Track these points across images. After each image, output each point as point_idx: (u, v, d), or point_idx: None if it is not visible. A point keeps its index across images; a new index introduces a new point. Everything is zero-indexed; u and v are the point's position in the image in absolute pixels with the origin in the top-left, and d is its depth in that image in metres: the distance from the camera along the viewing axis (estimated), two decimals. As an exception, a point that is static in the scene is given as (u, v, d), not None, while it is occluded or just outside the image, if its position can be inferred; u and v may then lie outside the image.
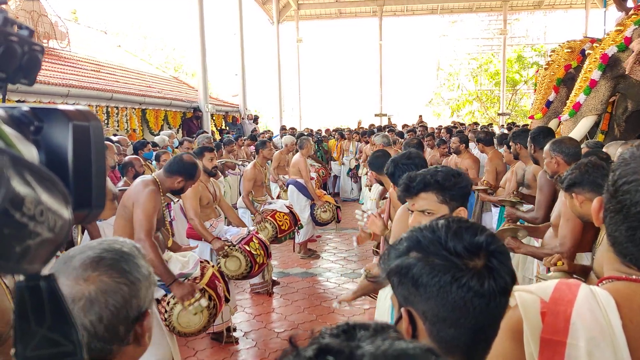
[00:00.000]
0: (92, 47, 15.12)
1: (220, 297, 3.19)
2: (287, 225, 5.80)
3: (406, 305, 0.92)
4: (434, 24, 31.08)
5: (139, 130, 11.13)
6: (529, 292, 1.11)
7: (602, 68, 4.92)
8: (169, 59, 34.21)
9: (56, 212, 0.45)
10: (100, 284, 1.02)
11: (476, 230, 0.92)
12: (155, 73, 17.66)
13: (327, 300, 5.63)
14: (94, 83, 10.53)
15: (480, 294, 0.86)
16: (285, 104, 24.22)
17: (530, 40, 29.50)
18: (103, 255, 1.06)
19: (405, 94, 34.09)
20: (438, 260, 0.88)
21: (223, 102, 17.58)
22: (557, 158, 3.16)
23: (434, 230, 0.93)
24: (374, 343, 0.54)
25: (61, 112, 0.55)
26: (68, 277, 1.02)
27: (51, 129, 0.54)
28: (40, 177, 0.44)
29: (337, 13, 23.40)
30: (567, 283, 1.10)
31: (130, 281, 1.05)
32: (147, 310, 1.09)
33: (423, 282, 0.88)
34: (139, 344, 1.09)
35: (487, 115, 28.68)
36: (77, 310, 1.00)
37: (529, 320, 1.07)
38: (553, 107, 6.13)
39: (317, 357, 0.54)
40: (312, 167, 9.74)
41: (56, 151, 0.54)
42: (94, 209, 0.57)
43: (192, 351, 4.40)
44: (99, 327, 1.01)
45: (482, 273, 0.87)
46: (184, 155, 3.46)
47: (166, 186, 3.36)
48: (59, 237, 0.46)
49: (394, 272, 0.94)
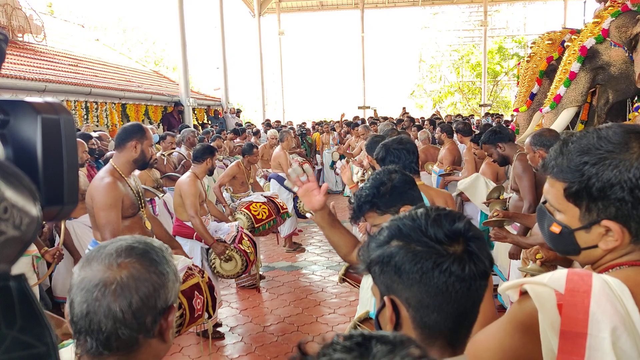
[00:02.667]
0: (69, 41, 14.85)
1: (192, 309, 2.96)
2: (264, 214, 5.69)
3: (389, 294, 0.94)
4: (415, 15, 31.07)
5: (119, 126, 10.97)
6: (541, 284, 1.09)
7: (581, 60, 4.96)
8: (149, 53, 33.76)
9: (22, 209, 0.43)
10: (132, 270, 1.05)
11: (454, 217, 0.94)
12: (135, 67, 17.41)
13: (313, 293, 5.64)
14: (72, 78, 10.35)
15: (462, 278, 0.88)
16: (268, 97, 24.12)
17: (511, 31, 29.65)
18: (135, 245, 1.10)
19: (388, 86, 34.12)
20: (419, 247, 0.90)
21: (205, 95, 17.42)
22: (540, 151, 3.18)
23: (413, 218, 0.95)
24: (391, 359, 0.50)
25: (28, 105, 0.52)
26: (100, 263, 1.06)
27: (18, 122, 0.52)
28: (4, 172, 0.42)
29: (318, 5, 23.34)
30: (578, 273, 1.09)
31: (160, 271, 1.09)
32: (172, 304, 1.11)
33: (405, 270, 0.90)
34: (164, 339, 1.10)
35: (468, 106, 28.88)
36: (108, 295, 1.02)
37: (546, 313, 1.06)
38: (537, 99, 6.17)
39: None
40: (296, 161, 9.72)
41: (24, 146, 0.51)
42: (66, 205, 0.55)
43: (177, 347, 4.38)
44: (128, 313, 1.03)
45: (462, 258, 0.89)
46: (124, 125, 3.34)
47: (124, 161, 3.17)
48: (26, 235, 0.44)
49: (375, 262, 0.95)
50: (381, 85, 31.81)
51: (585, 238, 1.14)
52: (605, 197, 1.07)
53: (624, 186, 1.04)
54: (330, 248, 7.32)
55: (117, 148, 3.22)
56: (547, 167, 1.18)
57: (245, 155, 6.21)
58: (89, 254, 1.10)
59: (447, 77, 30.52)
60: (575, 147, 1.11)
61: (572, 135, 1.16)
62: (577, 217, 1.13)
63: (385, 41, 35.17)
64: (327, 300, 5.39)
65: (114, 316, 1.02)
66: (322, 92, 36.65)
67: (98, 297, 1.02)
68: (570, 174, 1.11)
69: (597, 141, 1.09)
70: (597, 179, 1.06)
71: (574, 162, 1.10)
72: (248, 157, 6.21)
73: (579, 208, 1.12)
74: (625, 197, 1.05)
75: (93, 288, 1.02)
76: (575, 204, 1.12)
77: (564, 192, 1.13)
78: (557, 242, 1.22)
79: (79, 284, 1.04)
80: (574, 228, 1.15)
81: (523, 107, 6.31)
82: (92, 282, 1.03)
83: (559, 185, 1.14)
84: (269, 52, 22.21)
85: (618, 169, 1.05)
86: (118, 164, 3.17)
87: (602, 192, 1.07)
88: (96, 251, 1.09)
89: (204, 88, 22.39)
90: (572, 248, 1.18)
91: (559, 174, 1.14)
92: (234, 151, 9.58)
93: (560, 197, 1.15)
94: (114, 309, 1.02)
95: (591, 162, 1.07)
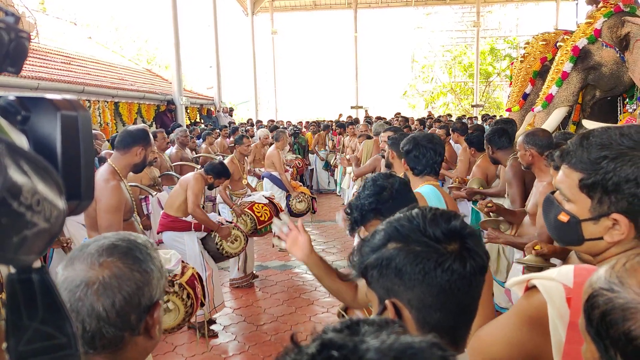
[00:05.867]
0: (61, 39, 14.73)
1: (197, 297, 3.16)
2: (266, 216, 5.77)
3: (389, 297, 0.93)
4: (408, 16, 31.18)
5: (112, 124, 10.91)
6: (550, 279, 1.12)
7: (573, 60, 5.02)
8: (141, 51, 33.55)
9: (52, 202, 0.44)
10: (114, 269, 1.05)
11: (450, 216, 0.95)
12: (128, 65, 17.31)
13: (306, 292, 5.65)
14: (65, 76, 10.28)
15: (463, 275, 0.89)
16: (261, 97, 24.08)
17: (503, 32, 29.83)
18: (117, 243, 1.09)
19: (381, 86, 34.19)
20: (419, 248, 0.90)
21: (198, 94, 17.37)
22: (531, 150, 3.20)
23: (410, 219, 0.95)
24: (379, 337, 0.54)
25: (49, 102, 0.53)
26: (83, 262, 1.05)
27: (38, 118, 0.53)
28: (36, 166, 0.43)
29: (311, 5, 23.32)
30: (586, 268, 1.12)
31: (144, 269, 1.08)
32: (158, 301, 1.11)
33: (407, 271, 0.89)
34: (150, 335, 1.10)
35: (461, 106, 28.99)
36: (91, 295, 1.02)
37: (555, 307, 1.08)
38: (530, 99, 6.22)
39: (320, 352, 0.53)
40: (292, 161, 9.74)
41: (44, 142, 0.52)
42: (83, 200, 0.56)
43: (171, 346, 4.37)
44: (112, 312, 1.02)
45: (462, 255, 0.90)
46: (128, 128, 3.31)
47: (124, 164, 3.17)
48: (54, 228, 0.45)
49: (372, 266, 0.94)
50: (374, 85, 31.89)
51: (592, 229, 1.17)
52: (619, 191, 1.10)
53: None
54: (324, 247, 7.34)
55: (119, 150, 3.18)
56: (565, 158, 1.21)
57: (236, 146, 6.24)
58: (71, 253, 1.10)
59: (440, 77, 30.63)
60: (596, 141, 1.15)
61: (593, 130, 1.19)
62: (587, 208, 1.17)
63: (378, 41, 35.28)
64: (320, 300, 5.41)
65: (97, 315, 1.02)
66: (315, 92, 36.66)
67: (81, 296, 1.01)
68: (589, 165, 1.14)
69: (619, 137, 1.12)
70: (615, 174, 1.10)
71: (594, 155, 1.14)
72: (239, 148, 6.24)
73: (591, 199, 1.15)
74: (638, 193, 1.08)
75: (75, 288, 1.02)
76: (589, 195, 1.16)
77: (579, 183, 1.17)
78: (561, 231, 1.25)
79: (62, 284, 1.04)
80: (582, 218, 1.18)
81: (516, 107, 6.36)
82: (75, 282, 1.03)
83: (575, 176, 1.17)
84: (262, 51, 22.17)
85: (637, 165, 1.08)
86: (118, 166, 3.15)
87: (617, 186, 1.10)
88: (79, 250, 1.09)
89: (197, 87, 22.31)
90: (576, 238, 1.21)
91: (577, 164, 1.17)
92: (227, 150, 9.56)
93: (575, 187, 1.18)
94: (98, 308, 1.02)
95: (611, 157, 1.11)
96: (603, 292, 0.81)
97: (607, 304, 0.79)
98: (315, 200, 7.54)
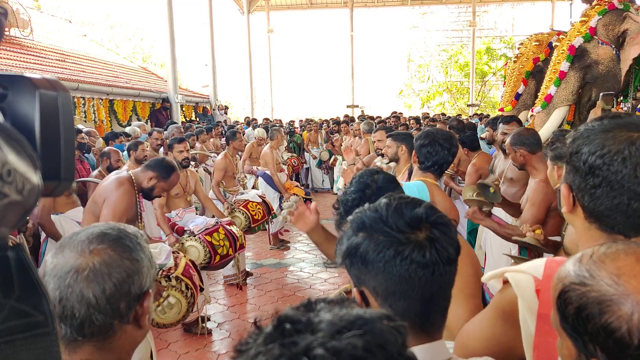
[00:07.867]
0: (56, 36, 14.68)
1: (196, 286, 3.18)
2: (260, 214, 5.78)
3: (359, 286, 0.97)
4: (404, 15, 31.18)
5: (106, 122, 10.87)
6: (520, 272, 1.12)
7: (570, 59, 5.02)
8: (137, 49, 33.43)
9: (24, 174, 0.44)
10: (104, 257, 1.05)
11: (415, 204, 0.97)
12: (123, 63, 17.25)
13: (300, 290, 5.65)
14: (59, 73, 10.23)
15: (423, 265, 0.90)
16: (257, 95, 24.05)
17: (499, 32, 29.96)
18: (107, 231, 1.10)
19: (377, 85, 34.23)
20: (381, 237, 0.93)
21: (193, 92, 17.32)
22: (521, 151, 3.19)
23: (376, 209, 0.98)
24: (332, 311, 0.56)
25: (27, 80, 0.52)
26: (73, 250, 1.06)
27: (16, 96, 0.52)
28: (7, 136, 0.42)
29: (307, 3, 23.28)
30: (556, 261, 1.12)
31: (134, 257, 1.08)
32: (148, 290, 1.11)
33: (370, 259, 0.92)
34: (139, 325, 1.10)
35: (456, 106, 29.04)
36: (81, 281, 1.02)
37: (525, 299, 1.09)
38: (522, 99, 6.25)
39: (276, 328, 0.54)
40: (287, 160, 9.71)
41: (22, 120, 0.52)
42: (63, 181, 0.55)
43: (164, 343, 4.36)
44: (101, 299, 1.02)
45: (423, 244, 0.91)
46: (167, 158, 3.51)
47: (138, 182, 3.32)
48: (27, 201, 0.44)
49: (345, 255, 0.98)
50: (370, 85, 31.90)
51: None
52: (569, 162, 1.12)
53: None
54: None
55: (142, 167, 3.39)
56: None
57: (230, 142, 6.22)
58: (61, 241, 1.10)
59: (436, 77, 30.67)
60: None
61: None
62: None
63: (374, 40, 35.31)
64: (315, 297, 5.40)
65: (87, 302, 1.01)
66: (311, 91, 36.66)
67: (70, 283, 1.01)
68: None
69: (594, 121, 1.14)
70: (572, 147, 1.12)
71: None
72: (233, 143, 6.22)
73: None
74: (578, 165, 1.09)
75: (65, 275, 1.02)
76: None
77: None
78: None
79: (51, 271, 1.04)
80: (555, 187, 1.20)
81: (508, 107, 6.39)
82: (64, 268, 1.02)
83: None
84: (258, 50, 22.16)
85: (592, 142, 1.07)
86: (136, 180, 3.29)
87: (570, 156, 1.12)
88: (69, 238, 1.09)
89: (193, 85, 22.21)
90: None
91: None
92: (220, 149, 9.54)
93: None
94: (87, 295, 1.01)
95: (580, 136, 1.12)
96: (575, 287, 0.80)
97: (581, 299, 0.78)
98: (310, 202, 7.52)
